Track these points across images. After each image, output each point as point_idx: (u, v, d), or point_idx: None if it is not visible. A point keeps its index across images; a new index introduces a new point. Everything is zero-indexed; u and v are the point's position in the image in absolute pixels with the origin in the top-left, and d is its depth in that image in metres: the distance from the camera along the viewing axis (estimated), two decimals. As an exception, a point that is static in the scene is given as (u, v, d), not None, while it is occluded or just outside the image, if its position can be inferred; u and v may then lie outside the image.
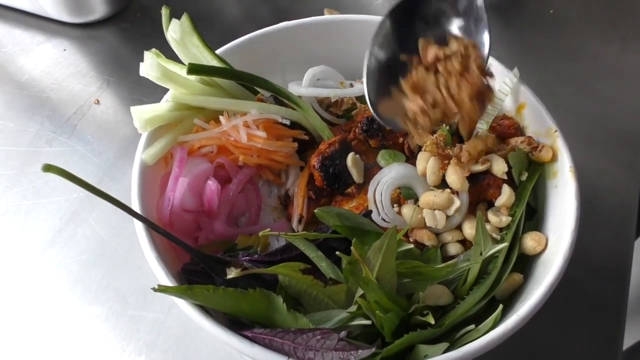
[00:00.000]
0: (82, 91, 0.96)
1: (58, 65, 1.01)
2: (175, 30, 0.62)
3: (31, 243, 0.77)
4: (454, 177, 0.61)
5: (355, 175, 0.65)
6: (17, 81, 0.99)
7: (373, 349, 0.44)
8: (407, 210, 0.62)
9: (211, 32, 1.05)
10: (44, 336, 0.69)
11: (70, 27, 1.07)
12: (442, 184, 0.63)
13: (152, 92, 0.66)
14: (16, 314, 0.71)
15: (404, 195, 0.64)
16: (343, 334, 0.45)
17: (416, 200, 0.63)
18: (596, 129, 0.90)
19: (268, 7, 1.14)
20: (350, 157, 0.64)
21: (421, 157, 0.64)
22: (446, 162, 0.62)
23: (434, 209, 0.61)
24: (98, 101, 0.94)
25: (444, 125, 0.66)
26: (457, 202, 0.61)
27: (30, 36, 1.07)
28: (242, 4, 1.15)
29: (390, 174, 0.63)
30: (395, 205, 0.63)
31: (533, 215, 0.66)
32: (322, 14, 1.05)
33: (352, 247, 0.51)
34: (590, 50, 1.02)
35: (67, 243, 0.77)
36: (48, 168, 0.47)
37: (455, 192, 0.62)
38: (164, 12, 0.63)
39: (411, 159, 0.66)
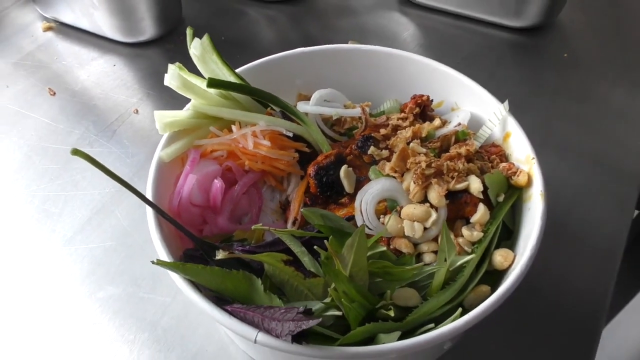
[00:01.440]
0: (125, 101, 1.08)
1: (107, 78, 1.13)
2: (196, 47, 0.72)
3: (65, 227, 0.87)
4: (434, 193, 0.67)
5: (347, 185, 0.72)
6: (72, 90, 1.11)
7: (320, 319, 0.50)
8: (389, 220, 0.68)
9: (246, 54, 1.15)
10: (65, 307, 0.78)
11: (122, 45, 1.20)
12: (425, 200, 0.69)
13: (184, 105, 0.76)
14: (45, 288, 0.80)
15: (389, 207, 0.70)
16: (301, 308, 0.51)
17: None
18: (595, 167, 0.94)
19: (299, 34, 1.24)
20: (343, 169, 0.72)
21: (407, 175, 0.70)
22: (429, 181, 0.69)
23: (413, 220, 0.67)
24: (137, 111, 1.06)
25: (430, 145, 0.73)
26: (434, 215, 0.67)
27: (87, 52, 1.20)
28: (276, 31, 1.25)
29: (377, 186, 0.69)
30: (382, 215, 0.70)
31: (510, 236, 0.71)
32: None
33: (326, 242, 0.58)
34: (599, 92, 1.06)
35: (95, 230, 0.87)
36: (75, 152, 0.57)
37: (435, 207, 0.68)
38: (188, 31, 0.73)
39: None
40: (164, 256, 0.61)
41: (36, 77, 1.14)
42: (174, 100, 1.04)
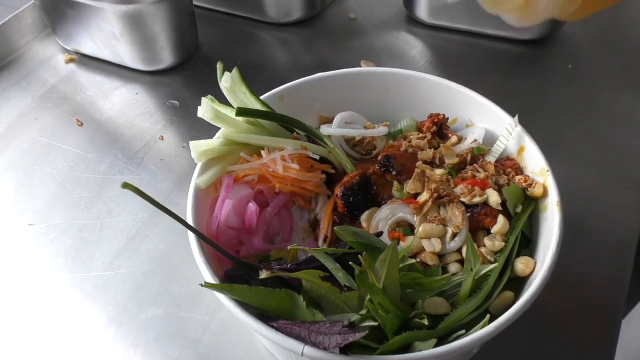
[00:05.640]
0: (150, 129, 1.13)
1: (130, 107, 1.18)
2: (227, 81, 0.77)
3: (104, 254, 0.92)
4: (453, 211, 0.72)
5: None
6: (97, 120, 1.16)
7: (367, 331, 0.55)
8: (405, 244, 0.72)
9: (261, 79, 1.21)
10: (110, 330, 0.82)
11: (143, 74, 1.25)
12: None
13: (206, 129, 0.80)
14: (89, 312, 0.85)
15: (403, 233, 0.74)
16: (346, 322, 0.56)
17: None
18: (602, 174, 0.98)
19: (312, 55, 1.29)
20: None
21: (424, 194, 0.75)
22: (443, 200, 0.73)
23: (430, 238, 0.72)
24: (162, 137, 1.11)
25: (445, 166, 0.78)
26: (449, 232, 0.71)
27: (109, 82, 1.25)
28: (290, 54, 1.30)
29: (385, 211, 0.74)
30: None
31: (529, 244, 0.76)
32: (359, 63, 1.20)
33: (359, 257, 0.63)
34: (603, 101, 1.10)
35: (132, 255, 0.91)
36: (125, 185, 0.61)
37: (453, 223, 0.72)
38: (219, 66, 0.78)
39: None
40: (209, 278, 0.65)
41: (62, 109, 1.19)
42: (197, 126, 1.10)
